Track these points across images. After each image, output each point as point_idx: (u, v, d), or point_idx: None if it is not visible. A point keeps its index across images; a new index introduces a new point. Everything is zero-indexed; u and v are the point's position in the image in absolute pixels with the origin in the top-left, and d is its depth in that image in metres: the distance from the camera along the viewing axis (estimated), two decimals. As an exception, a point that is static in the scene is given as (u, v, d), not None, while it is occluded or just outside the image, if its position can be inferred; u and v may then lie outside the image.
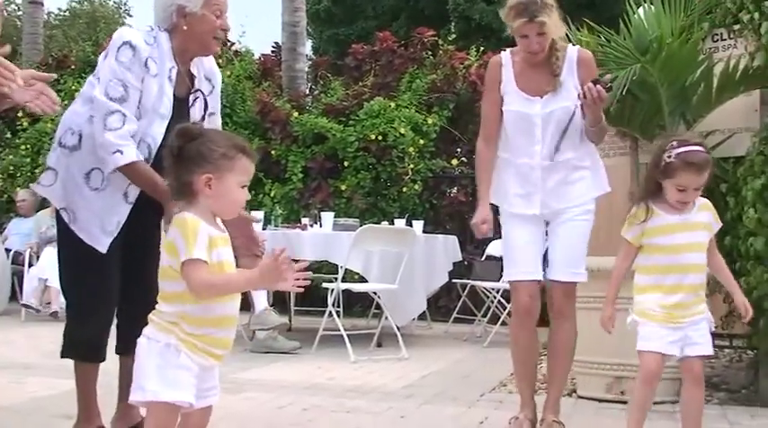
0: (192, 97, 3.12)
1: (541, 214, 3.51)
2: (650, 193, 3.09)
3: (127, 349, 3.13)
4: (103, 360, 3.17)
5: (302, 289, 2.23)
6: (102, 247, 3.03)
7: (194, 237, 2.12)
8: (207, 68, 3.20)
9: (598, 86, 3.28)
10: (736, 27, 4.60)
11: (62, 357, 3.15)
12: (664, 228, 3.07)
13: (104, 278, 3.10)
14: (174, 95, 3.02)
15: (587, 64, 3.53)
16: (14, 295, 8.49)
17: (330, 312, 5.83)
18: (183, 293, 2.16)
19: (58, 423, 3.42)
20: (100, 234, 3.03)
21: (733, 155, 4.62)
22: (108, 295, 3.13)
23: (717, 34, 4.82)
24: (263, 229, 6.57)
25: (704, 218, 3.12)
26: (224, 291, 2.21)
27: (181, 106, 3.06)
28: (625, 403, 4.21)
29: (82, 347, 3.12)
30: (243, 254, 6.08)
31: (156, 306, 2.22)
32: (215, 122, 3.20)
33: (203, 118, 3.12)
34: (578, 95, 3.36)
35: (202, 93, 3.14)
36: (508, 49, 3.61)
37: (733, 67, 4.49)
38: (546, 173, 3.48)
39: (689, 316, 3.04)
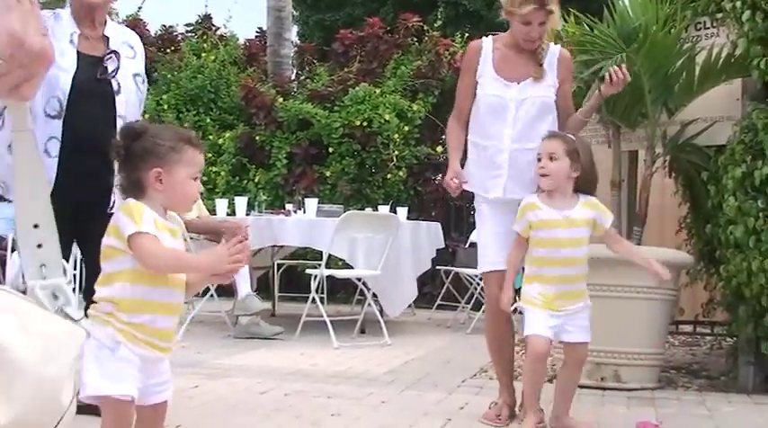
0: (107, 56, 3.38)
1: (507, 200, 3.53)
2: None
3: None
4: None
5: (233, 275, 2.25)
6: None
7: (140, 216, 2.11)
8: (129, 36, 3.55)
9: (624, 70, 3.38)
10: (719, 15, 4.61)
11: None
12: (546, 223, 3.27)
13: None
14: (84, 54, 3.33)
15: (567, 63, 3.64)
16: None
17: (313, 298, 5.84)
18: (119, 273, 2.13)
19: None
20: None
21: (714, 143, 4.64)
22: None
23: (700, 22, 4.83)
24: (247, 215, 6.56)
25: (586, 214, 3.30)
26: (173, 265, 2.16)
27: (94, 62, 3.35)
28: (605, 389, 4.26)
29: None
30: (228, 240, 6.09)
31: (94, 296, 2.17)
32: (141, 85, 3.50)
33: (114, 72, 3.38)
34: (605, 77, 3.45)
35: (117, 53, 3.41)
36: (490, 36, 3.65)
37: (715, 56, 4.51)
38: (513, 158, 3.51)
39: (568, 306, 3.27)
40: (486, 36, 3.71)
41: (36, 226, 1.76)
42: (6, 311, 1.60)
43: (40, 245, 1.76)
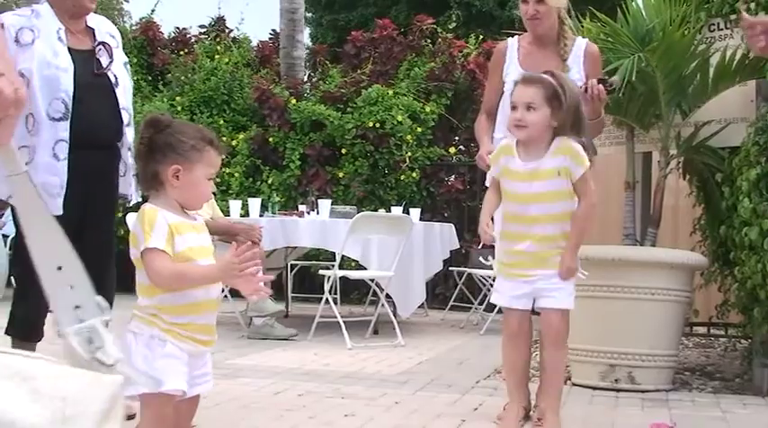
0: (96, 48, 3.33)
1: None
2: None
3: None
4: (39, 339, 3.33)
5: (265, 295, 2.25)
6: (56, 209, 3.16)
7: (150, 227, 2.13)
8: (108, 25, 3.48)
9: (600, 86, 3.34)
10: (733, 17, 4.61)
11: (6, 334, 3.33)
12: (512, 174, 2.94)
13: None
14: (74, 50, 3.24)
15: (594, 58, 3.63)
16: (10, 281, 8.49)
17: (327, 299, 5.85)
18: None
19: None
20: (48, 199, 3.17)
21: (728, 145, 4.63)
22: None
23: (713, 24, 4.82)
24: (261, 216, 6.58)
25: (557, 162, 2.90)
26: (181, 281, 2.18)
27: (87, 57, 3.29)
28: (619, 391, 4.25)
29: (20, 325, 3.31)
30: (242, 241, 6.15)
31: (138, 300, 2.23)
32: (129, 72, 3.49)
33: (110, 64, 3.34)
34: (581, 87, 3.40)
35: (106, 44, 3.35)
36: (516, 35, 3.71)
37: (729, 58, 4.50)
38: None
39: (539, 268, 2.89)
40: (499, 38, 3.76)
41: (60, 268, 1.64)
42: (11, 378, 1.41)
43: (72, 287, 1.64)
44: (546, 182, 2.90)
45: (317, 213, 6.62)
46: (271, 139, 9.11)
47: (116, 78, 3.36)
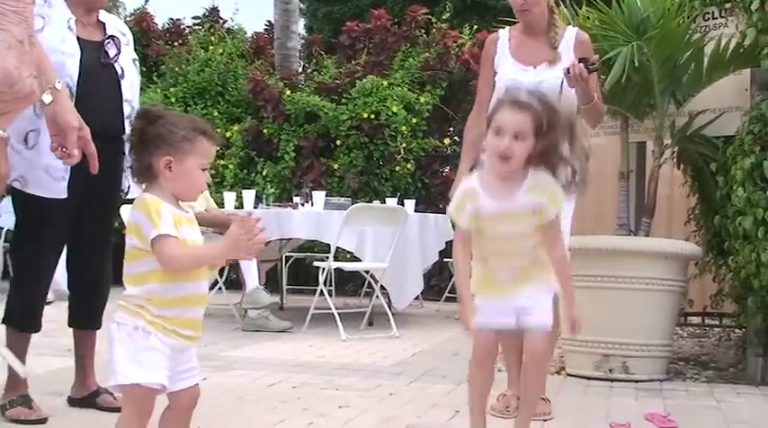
0: (106, 42, 3.37)
1: None
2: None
3: (78, 323, 3.50)
4: (38, 330, 3.34)
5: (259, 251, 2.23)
6: (61, 193, 3.20)
7: (158, 215, 2.12)
8: (119, 23, 3.56)
9: (580, 65, 3.31)
10: (728, 5, 4.60)
11: (2, 323, 3.33)
12: (483, 219, 2.64)
13: (45, 248, 3.31)
14: (83, 39, 3.27)
15: (585, 46, 3.61)
16: (7, 273, 8.47)
17: (321, 291, 5.84)
18: (148, 273, 2.16)
19: (50, 399, 3.42)
20: (52, 182, 3.20)
21: (723, 134, 4.63)
22: (46, 266, 3.35)
23: (708, 13, 4.81)
24: (255, 208, 6.57)
25: (530, 202, 2.60)
26: (196, 263, 2.20)
27: (95, 47, 3.32)
28: (613, 380, 4.25)
29: (17, 315, 3.30)
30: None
31: (125, 291, 2.21)
32: (137, 69, 3.52)
33: (117, 56, 3.38)
34: (564, 70, 3.40)
35: (115, 38, 3.40)
36: (507, 27, 3.70)
37: (724, 46, 4.49)
38: None
39: (520, 289, 2.64)
40: (494, 27, 3.75)
41: None
42: None
43: None
44: (521, 225, 2.62)
45: (312, 205, 6.60)
46: (265, 131, 9.09)
47: (123, 70, 3.38)
